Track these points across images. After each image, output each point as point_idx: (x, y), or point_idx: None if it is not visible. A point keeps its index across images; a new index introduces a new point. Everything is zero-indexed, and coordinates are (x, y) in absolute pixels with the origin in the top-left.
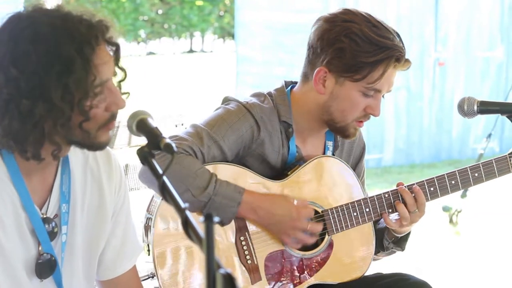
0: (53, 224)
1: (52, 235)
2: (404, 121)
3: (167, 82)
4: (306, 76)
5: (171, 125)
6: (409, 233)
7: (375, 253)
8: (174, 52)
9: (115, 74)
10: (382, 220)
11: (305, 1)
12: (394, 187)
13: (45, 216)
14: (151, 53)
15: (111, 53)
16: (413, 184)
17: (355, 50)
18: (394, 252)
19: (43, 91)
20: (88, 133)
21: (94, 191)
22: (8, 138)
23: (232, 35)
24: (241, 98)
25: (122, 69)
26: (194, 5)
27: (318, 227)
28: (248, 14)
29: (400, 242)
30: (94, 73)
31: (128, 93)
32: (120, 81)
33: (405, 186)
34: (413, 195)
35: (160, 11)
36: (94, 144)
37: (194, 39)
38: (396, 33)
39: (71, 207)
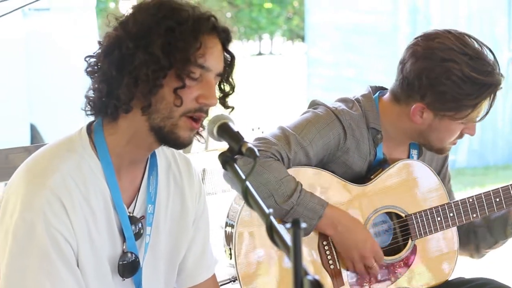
0: (140, 225)
1: (137, 235)
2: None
3: (237, 85)
4: (397, 98)
5: (248, 129)
6: None
7: (491, 246)
8: (244, 55)
9: (221, 75)
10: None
11: (374, 2)
12: (474, 191)
13: (131, 215)
14: None
15: (222, 53)
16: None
17: (457, 93)
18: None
19: (147, 39)
20: (170, 116)
21: (177, 197)
22: (104, 83)
23: (301, 37)
24: (329, 103)
25: (230, 83)
26: (263, 7)
27: (377, 271)
28: (318, 15)
29: None
30: (201, 45)
31: (233, 107)
32: (225, 95)
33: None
34: None
35: (228, 14)
36: (173, 134)
37: (262, 41)
38: (489, 49)
39: (156, 209)
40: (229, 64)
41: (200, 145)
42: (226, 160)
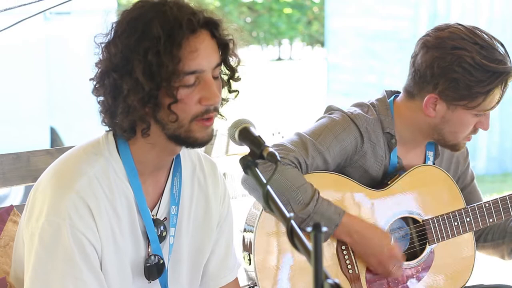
0: (162, 227)
1: (161, 238)
2: (496, 128)
3: (257, 90)
4: (411, 94)
5: (268, 134)
6: None
7: None
8: (263, 60)
9: (219, 64)
10: None
11: (395, 8)
12: (492, 198)
13: (155, 218)
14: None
15: (212, 43)
16: None
17: (469, 81)
18: None
19: (129, 65)
20: (181, 125)
21: (200, 200)
22: (106, 114)
23: (320, 43)
24: (344, 108)
25: (231, 68)
26: (282, 13)
27: (398, 274)
28: (338, 21)
29: None
30: (180, 57)
31: (237, 91)
32: (228, 79)
33: None
34: None
35: (248, 19)
36: (190, 138)
37: (282, 47)
38: (500, 43)
39: (179, 210)
40: (224, 48)
41: (221, 150)
42: (248, 164)
